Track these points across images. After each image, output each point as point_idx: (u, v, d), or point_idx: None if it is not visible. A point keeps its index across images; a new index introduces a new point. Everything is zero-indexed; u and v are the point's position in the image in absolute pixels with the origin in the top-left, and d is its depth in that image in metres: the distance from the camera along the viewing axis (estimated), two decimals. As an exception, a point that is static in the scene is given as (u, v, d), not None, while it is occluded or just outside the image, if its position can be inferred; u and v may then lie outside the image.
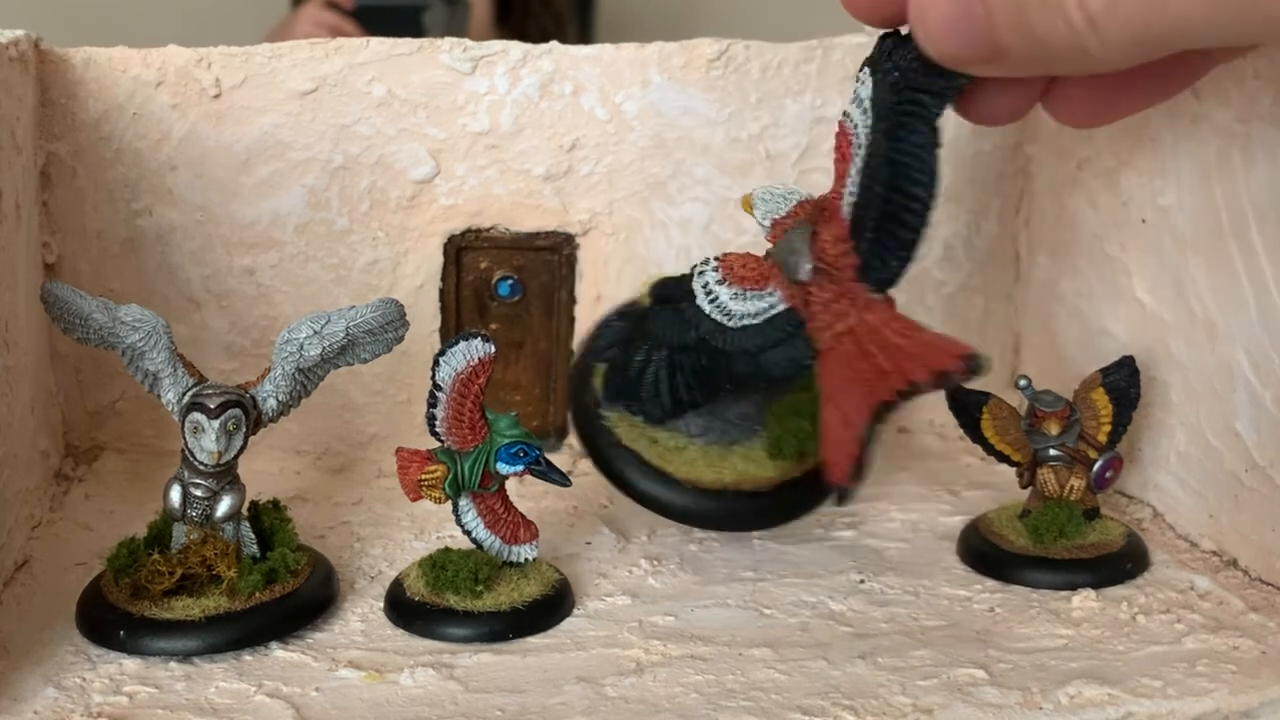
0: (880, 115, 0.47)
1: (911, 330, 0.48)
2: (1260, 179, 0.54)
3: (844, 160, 0.50)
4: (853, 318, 0.49)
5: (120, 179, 0.64)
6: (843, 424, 0.48)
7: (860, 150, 0.48)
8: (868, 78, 0.48)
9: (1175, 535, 0.60)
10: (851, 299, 0.49)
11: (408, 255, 0.67)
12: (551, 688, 0.47)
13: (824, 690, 0.47)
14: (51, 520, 0.59)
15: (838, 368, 0.49)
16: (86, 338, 0.51)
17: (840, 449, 0.48)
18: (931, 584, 0.56)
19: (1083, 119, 0.49)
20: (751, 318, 0.52)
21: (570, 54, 0.65)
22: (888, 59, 0.47)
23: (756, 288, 0.52)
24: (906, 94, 0.47)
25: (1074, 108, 0.48)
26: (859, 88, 0.49)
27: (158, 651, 0.48)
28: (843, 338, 0.49)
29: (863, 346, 0.48)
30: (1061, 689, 0.47)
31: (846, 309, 0.49)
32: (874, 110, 0.48)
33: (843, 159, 0.50)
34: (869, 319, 0.48)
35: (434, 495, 0.51)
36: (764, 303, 0.52)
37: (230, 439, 0.49)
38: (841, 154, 0.50)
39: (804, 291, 0.50)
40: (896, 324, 0.48)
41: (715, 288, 0.53)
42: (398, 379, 0.68)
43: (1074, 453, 0.57)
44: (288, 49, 0.63)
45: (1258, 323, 0.54)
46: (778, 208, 0.53)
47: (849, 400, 0.48)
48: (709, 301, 0.53)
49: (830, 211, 0.50)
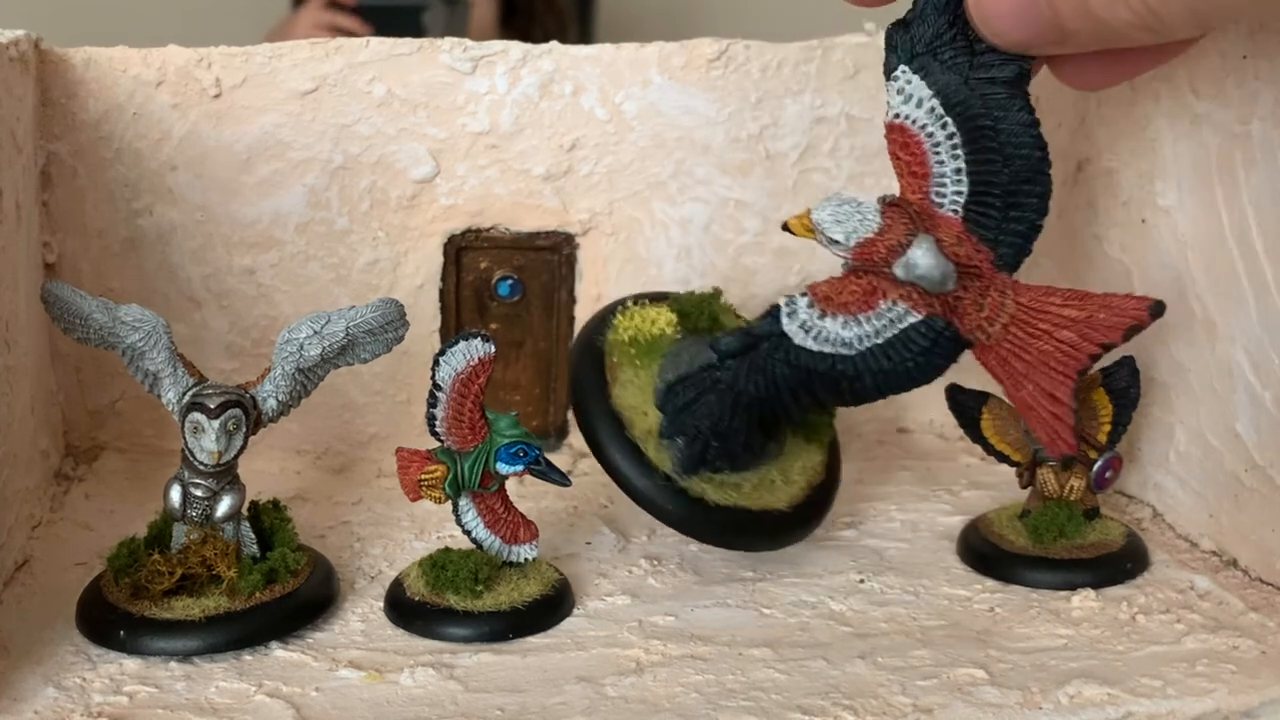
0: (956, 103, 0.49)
1: (1076, 299, 0.50)
2: (1260, 179, 0.54)
3: (920, 164, 0.50)
4: (1010, 306, 0.50)
5: (120, 179, 0.64)
6: (1050, 401, 0.50)
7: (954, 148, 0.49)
8: (908, 74, 0.49)
9: (1175, 535, 0.60)
10: (999, 289, 0.50)
11: (408, 255, 0.67)
12: (551, 688, 0.47)
13: (824, 690, 0.47)
14: (51, 520, 0.59)
15: (1011, 356, 0.50)
16: (86, 338, 0.51)
17: (1059, 423, 0.50)
18: (931, 584, 0.56)
19: (1094, 82, 0.50)
20: (874, 338, 0.50)
21: (570, 54, 0.65)
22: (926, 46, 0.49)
23: (866, 309, 0.50)
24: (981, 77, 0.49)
25: (1086, 73, 0.49)
26: (907, 88, 0.49)
27: (158, 651, 0.48)
28: (1009, 328, 0.50)
29: (1032, 329, 0.49)
30: (1061, 689, 0.47)
31: (999, 300, 0.50)
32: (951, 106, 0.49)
33: (919, 162, 0.50)
34: (1023, 302, 0.50)
35: (434, 495, 0.51)
36: (882, 320, 0.50)
37: (230, 439, 0.49)
38: (915, 157, 0.50)
39: (948, 297, 0.50)
40: (1053, 298, 0.50)
41: (818, 323, 0.50)
42: (398, 379, 0.68)
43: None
44: (288, 49, 0.63)
45: (1258, 323, 0.54)
46: (861, 226, 0.49)
47: (1045, 379, 0.50)
48: (814, 339, 0.50)
49: (929, 214, 0.50)
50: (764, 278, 0.70)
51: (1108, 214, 0.64)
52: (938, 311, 0.50)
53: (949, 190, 0.50)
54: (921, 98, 0.49)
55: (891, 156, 0.50)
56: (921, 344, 0.50)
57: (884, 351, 0.50)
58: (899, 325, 0.50)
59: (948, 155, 0.49)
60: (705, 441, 0.52)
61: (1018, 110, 0.49)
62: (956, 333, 0.50)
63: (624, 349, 0.56)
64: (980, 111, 0.49)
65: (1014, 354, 0.50)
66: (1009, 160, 0.49)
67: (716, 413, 0.52)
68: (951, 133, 0.49)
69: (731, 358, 0.52)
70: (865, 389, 0.51)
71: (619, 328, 0.56)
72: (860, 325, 0.50)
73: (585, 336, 0.58)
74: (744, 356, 0.51)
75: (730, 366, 0.52)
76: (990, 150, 0.49)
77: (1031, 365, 0.50)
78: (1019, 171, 0.49)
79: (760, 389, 0.52)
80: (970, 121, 0.49)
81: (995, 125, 0.49)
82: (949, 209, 0.50)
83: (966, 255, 0.49)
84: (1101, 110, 0.64)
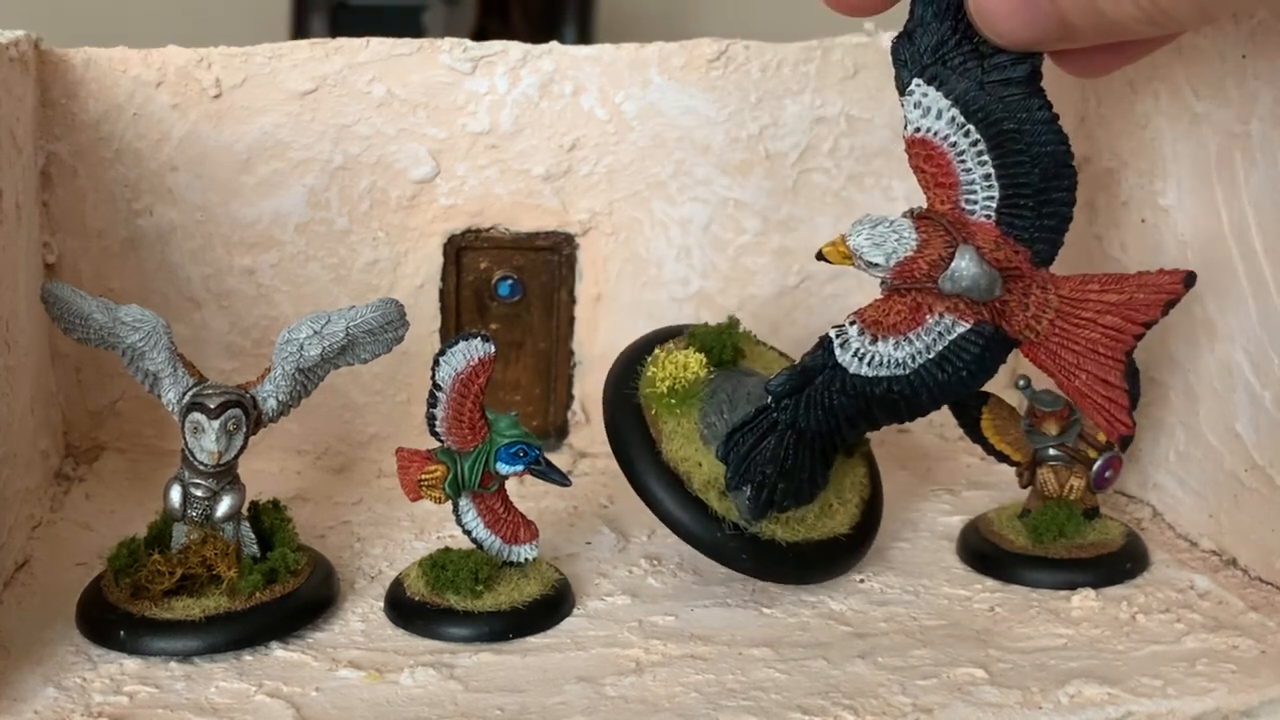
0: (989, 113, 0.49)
1: (1113, 283, 0.51)
2: (1260, 179, 0.54)
3: (947, 174, 0.50)
4: (1054, 301, 0.50)
5: (120, 179, 0.64)
6: (1104, 387, 0.51)
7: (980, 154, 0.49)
8: (924, 87, 0.49)
9: (1175, 535, 0.60)
10: (1040, 286, 0.50)
11: (408, 255, 0.67)
12: (551, 687, 0.47)
13: (824, 690, 0.47)
14: (51, 520, 0.59)
15: (1061, 349, 0.51)
16: (86, 338, 0.51)
17: (1115, 406, 0.51)
18: (931, 584, 0.56)
19: (1096, 70, 0.50)
20: (926, 354, 0.50)
21: (570, 54, 0.65)
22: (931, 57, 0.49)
23: (915, 326, 0.50)
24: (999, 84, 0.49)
25: (1085, 63, 0.49)
26: (925, 100, 0.49)
27: (158, 651, 0.48)
28: (1055, 323, 0.51)
29: (1077, 319, 0.51)
30: (1061, 688, 0.47)
31: (1043, 296, 0.50)
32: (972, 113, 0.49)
33: (946, 173, 0.50)
34: (1064, 294, 0.51)
35: (434, 495, 0.51)
36: (932, 335, 0.50)
37: (230, 439, 0.49)
38: (941, 168, 0.50)
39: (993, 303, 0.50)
40: (1091, 286, 0.51)
41: (870, 348, 0.50)
42: (398, 379, 0.68)
43: (1073, 452, 0.57)
44: (288, 49, 0.63)
45: (1258, 323, 0.54)
46: (900, 246, 0.49)
47: (1096, 366, 0.51)
48: (869, 365, 0.50)
49: (962, 223, 0.50)
50: (764, 278, 0.70)
51: (1108, 214, 0.64)
52: (985, 317, 0.50)
53: (980, 196, 0.50)
54: (940, 109, 0.49)
55: (915, 170, 0.50)
56: (974, 351, 0.50)
57: (938, 365, 0.50)
58: (949, 337, 0.50)
59: (974, 162, 0.50)
60: (773, 485, 0.52)
61: (1037, 109, 0.49)
62: (1005, 334, 0.51)
63: (663, 401, 0.54)
64: (1003, 115, 0.49)
65: (1064, 346, 0.51)
66: (1036, 160, 0.49)
67: (779, 455, 0.51)
68: (975, 139, 0.49)
69: (788, 398, 0.51)
70: (921, 404, 0.51)
71: (655, 380, 0.54)
72: (912, 344, 0.50)
73: (616, 390, 0.56)
74: (799, 394, 0.51)
75: (786, 406, 0.51)
76: (1018, 153, 0.49)
77: (1081, 354, 0.51)
78: (1047, 169, 0.50)
79: (819, 423, 0.51)
80: (994, 126, 0.49)
81: (1019, 128, 0.49)
82: (981, 214, 0.50)
83: (1006, 258, 0.50)
84: (1101, 110, 0.64)
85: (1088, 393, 0.52)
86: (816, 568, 0.54)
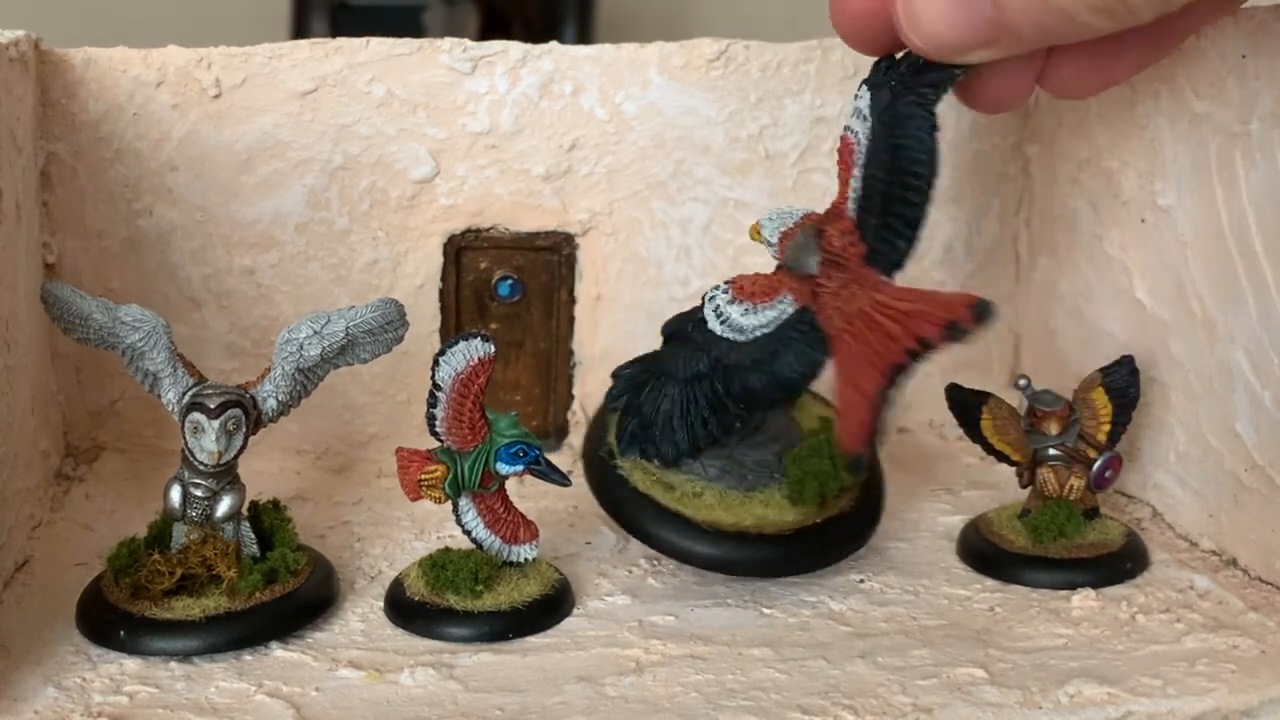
0: (879, 112, 0.50)
1: (910, 293, 0.49)
2: (1260, 179, 0.54)
3: (847, 169, 0.52)
4: (863, 298, 0.50)
5: (120, 179, 0.64)
6: (857, 394, 0.49)
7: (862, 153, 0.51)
8: (865, 93, 0.51)
9: (1175, 535, 0.60)
10: (860, 283, 0.51)
11: (408, 255, 0.67)
12: (551, 687, 0.47)
13: (824, 690, 0.47)
14: (51, 520, 0.59)
15: (851, 349, 0.50)
16: (86, 338, 0.51)
17: (853, 417, 0.49)
18: (931, 583, 0.56)
19: (1079, 90, 0.50)
20: (764, 328, 0.53)
21: (570, 54, 0.65)
22: (883, 74, 0.51)
23: (766, 300, 0.53)
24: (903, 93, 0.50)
25: (1070, 81, 0.49)
26: (858, 103, 0.52)
27: (158, 651, 0.48)
28: (854, 320, 0.50)
29: (874, 322, 0.50)
30: (1061, 688, 0.47)
31: (855, 292, 0.51)
32: (873, 113, 0.51)
33: (845, 168, 0.52)
34: (879, 298, 0.50)
35: (434, 495, 0.51)
36: (774, 312, 0.53)
37: (230, 439, 0.49)
38: (844, 164, 0.52)
39: (814, 286, 0.52)
40: (907, 294, 0.49)
41: (726, 308, 0.53)
42: (398, 379, 0.68)
43: (1073, 452, 0.57)
44: (288, 49, 0.63)
45: (1258, 323, 0.54)
46: (784, 222, 0.54)
47: (859, 368, 0.49)
48: (720, 323, 0.53)
49: (837, 213, 0.52)
50: (764, 278, 0.70)
51: (1108, 214, 0.64)
52: (810, 302, 0.52)
53: (851, 191, 0.52)
54: (865, 113, 0.51)
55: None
56: (794, 333, 0.52)
57: (767, 341, 0.52)
58: (783, 319, 0.52)
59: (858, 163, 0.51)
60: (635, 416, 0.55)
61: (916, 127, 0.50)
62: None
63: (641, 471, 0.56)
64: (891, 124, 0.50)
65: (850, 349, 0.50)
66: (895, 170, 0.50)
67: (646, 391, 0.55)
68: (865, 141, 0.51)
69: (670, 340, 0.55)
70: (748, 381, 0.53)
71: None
72: (756, 315, 0.53)
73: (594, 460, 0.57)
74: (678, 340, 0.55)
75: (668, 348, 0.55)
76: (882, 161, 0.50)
77: (857, 359, 0.50)
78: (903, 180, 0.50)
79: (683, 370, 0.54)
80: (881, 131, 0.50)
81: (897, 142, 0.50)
82: (850, 209, 0.52)
83: (839, 247, 0.51)
84: (1101, 110, 0.64)
85: (843, 397, 0.51)
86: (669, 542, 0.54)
